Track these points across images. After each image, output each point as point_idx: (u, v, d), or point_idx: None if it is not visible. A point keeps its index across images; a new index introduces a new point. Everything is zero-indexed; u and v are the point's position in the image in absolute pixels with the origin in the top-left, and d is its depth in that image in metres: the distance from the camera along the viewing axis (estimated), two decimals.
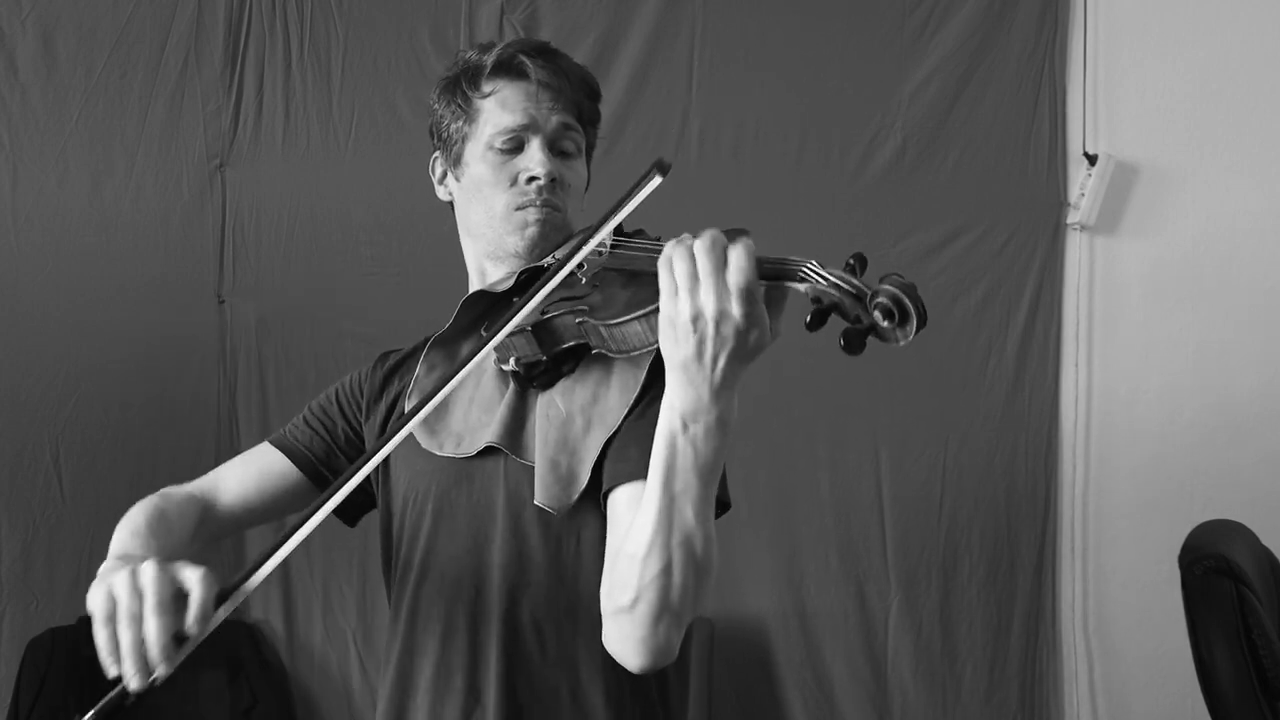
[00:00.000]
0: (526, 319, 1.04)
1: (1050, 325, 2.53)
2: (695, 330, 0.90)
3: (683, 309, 0.90)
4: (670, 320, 0.91)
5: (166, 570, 0.93)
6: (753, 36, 2.49)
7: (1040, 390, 2.53)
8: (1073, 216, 2.53)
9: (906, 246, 2.50)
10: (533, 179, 1.20)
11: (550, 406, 1.12)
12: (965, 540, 2.51)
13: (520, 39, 1.29)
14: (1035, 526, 2.53)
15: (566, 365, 1.13)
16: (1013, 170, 2.53)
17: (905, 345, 0.89)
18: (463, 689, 1.13)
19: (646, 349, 1.03)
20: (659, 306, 0.92)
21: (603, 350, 1.08)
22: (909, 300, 0.87)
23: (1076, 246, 2.54)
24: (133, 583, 0.92)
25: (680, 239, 0.92)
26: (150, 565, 0.93)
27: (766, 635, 2.47)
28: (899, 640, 2.49)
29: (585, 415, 1.11)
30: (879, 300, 0.88)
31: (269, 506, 1.32)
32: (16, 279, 2.33)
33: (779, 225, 2.43)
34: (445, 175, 1.29)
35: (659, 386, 0.99)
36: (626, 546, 0.99)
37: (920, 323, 0.87)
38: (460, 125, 1.24)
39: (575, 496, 1.09)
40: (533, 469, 1.11)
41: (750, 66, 2.49)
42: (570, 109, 1.23)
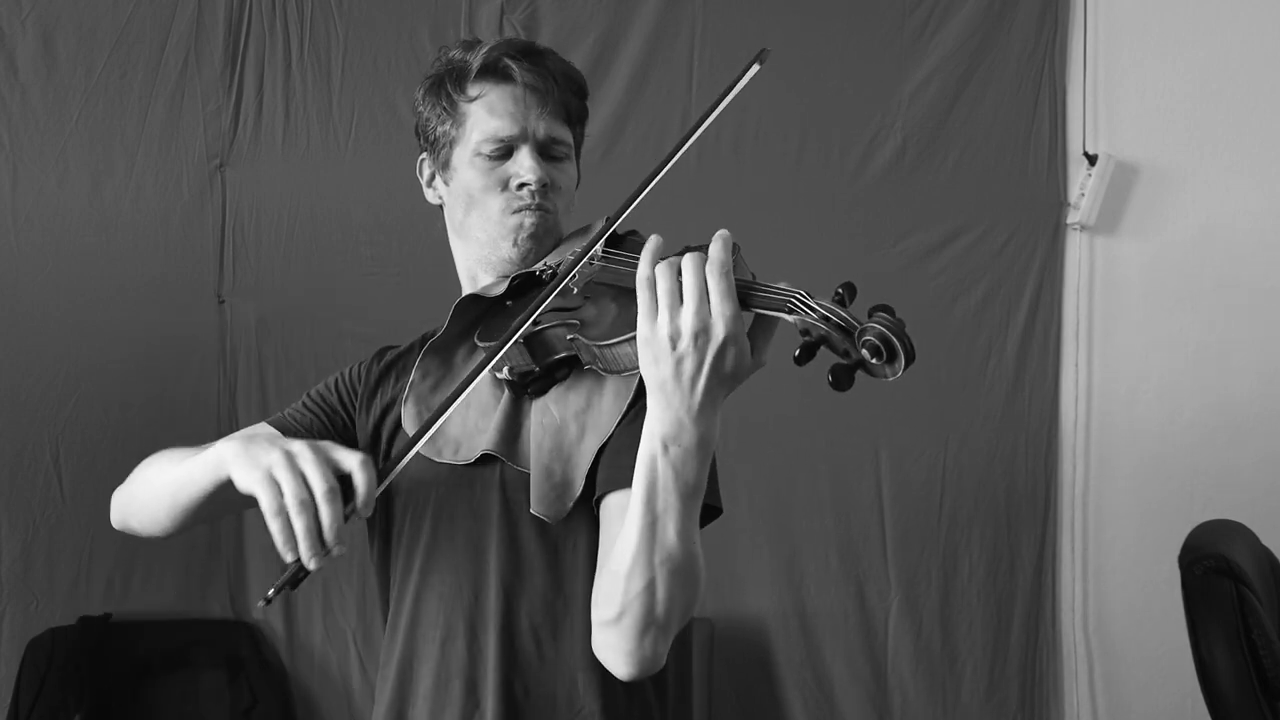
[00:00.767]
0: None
1: (1050, 325, 2.53)
2: (674, 350, 0.90)
3: (660, 328, 0.91)
4: (647, 340, 0.92)
5: (322, 452, 0.92)
6: (753, 36, 2.49)
7: (1040, 390, 2.53)
8: (1073, 216, 2.53)
9: (906, 246, 2.50)
10: (524, 185, 1.20)
11: (545, 413, 1.13)
12: (965, 540, 2.51)
13: (505, 39, 1.28)
14: (1035, 526, 2.53)
15: (560, 372, 1.13)
16: (1013, 170, 2.53)
17: (894, 380, 0.90)
18: (462, 694, 1.13)
19: (635, 370, 1.04)
20: None
21: (593, 367, 1.09)
22: (897, 340, 0.87)
23: (1076, 246, 2.55)
24: (294, 467, 0.91)
25: (663, 258, 0.92)
26: (306, 449, 0.92)
27: (766, 635, 2.47)
28: (899, 640, 2.49)
29: (579, 422, 1.11)
30: (867, 338, 0.88)
31: None
32: (16, 279, 2.32)
33: (779, 225, 2.43)
34: (434, 178, 1.29)
35: None
36: (610, 563, 1.00)
37: (908, 361, 0.88)
38: (447, 129, 1.23)
39: (570, 504, 1.10)
40: (528, 476, 1.11)
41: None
42: (558, 111, 1.23)
